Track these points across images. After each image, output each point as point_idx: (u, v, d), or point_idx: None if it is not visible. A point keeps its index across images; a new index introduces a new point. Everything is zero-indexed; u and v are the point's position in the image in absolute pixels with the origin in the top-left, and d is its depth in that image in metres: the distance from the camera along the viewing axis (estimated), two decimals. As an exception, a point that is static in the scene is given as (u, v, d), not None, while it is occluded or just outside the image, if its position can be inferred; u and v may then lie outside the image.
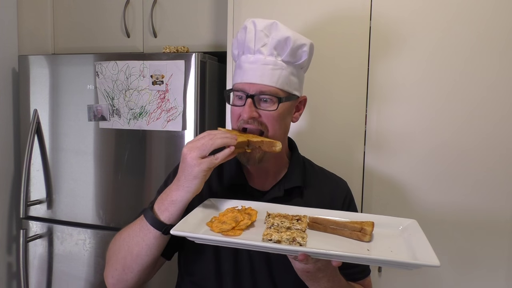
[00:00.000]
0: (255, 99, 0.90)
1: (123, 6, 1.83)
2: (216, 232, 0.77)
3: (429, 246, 0.73)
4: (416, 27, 1.26)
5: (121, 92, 1.56)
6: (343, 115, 1.34)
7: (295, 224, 0.79)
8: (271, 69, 0.90)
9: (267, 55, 0.91)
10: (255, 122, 0.90)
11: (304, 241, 0.73)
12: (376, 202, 1.33)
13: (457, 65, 1.24)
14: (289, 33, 0.91)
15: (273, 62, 0.90)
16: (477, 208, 1.25)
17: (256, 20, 0.92)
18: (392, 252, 0.75)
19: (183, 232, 0.75)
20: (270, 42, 0.91)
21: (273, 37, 0.91)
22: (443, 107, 1.26)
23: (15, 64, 1.76)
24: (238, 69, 0.94)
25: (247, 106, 0.89)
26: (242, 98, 0.91)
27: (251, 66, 0.91)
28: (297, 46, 0.92)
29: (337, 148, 1.35)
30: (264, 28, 0.91)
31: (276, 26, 0.91)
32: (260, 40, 0.91)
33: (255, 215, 0.83)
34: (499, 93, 1.21)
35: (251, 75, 0.90)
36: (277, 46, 0.91)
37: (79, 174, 1.65)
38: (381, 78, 1.30)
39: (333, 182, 1.05)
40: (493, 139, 1.23)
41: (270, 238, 0.73)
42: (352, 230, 0.80)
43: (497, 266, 1.25)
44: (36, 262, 1.72)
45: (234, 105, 0.94)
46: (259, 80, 0.89)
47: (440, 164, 1.27)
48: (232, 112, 0.94)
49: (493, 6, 1.20)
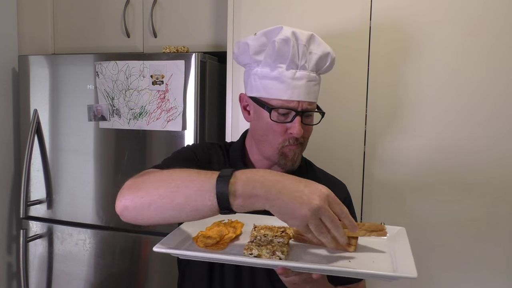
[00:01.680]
0: (303, 116, 0.90)
1: (123, 6, 1.83)
2: (201, 247, 0.77)
3: (410, 255, 0.72)
4: (416, 31, 1.25)
5: (121, 92, 1.56)
6: (343, 119, 1.34)
7: (278, 237, 0.79)
8: (313, 85, 0.91)
9: (310, 71, 0.91)
10: (301, 138, 0.91)
11: (284, 254, 0.73)
12: (376, 207, 1.33)
13: (460, 70, 1.23)
14: (328, 48, 0.92)
15: (314, 78, 0.91)
16: (478, 211, 1.25)
17: (297, 31, 0.89)
18: (373, 262, 0.75)
19: (166, 249, 0.74)
20: (313, 57, 0.90)
21: (314, 51, 0.90)
22: (444, 109, 1.25)
23: (15, 64, 1.76)
24: (278, 83, 0.90)
25: (298, 124, 0.88)
26: (288, 114, 0.90)
27: (298, 83, 0.89)
28: (332, 60, 0.94)
29: (337, 153, 1.34)
30: (306, 41, 0.90)
31: (315, 40, 0.91)
32: (304, 56, 0.89)
33: (240, 228, 0.84)
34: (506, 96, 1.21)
35: (299, 92, 0.89)
36: (318, 62, 0.91)
37: (79, 174, 1.64)
38: (381, 81, 1.29)
39: (333, 185, 1.03)
40: (497, 146, 1.22)
41: (251, 253, 0.73)
42: None
43: (497, 271, 1.24)
44: (36, 262, 1.72)
45: (280, 122, 0.90)
46: (307, 98, 0.90)
47: (440, 167, 1.26)
48: (274, 128, 0.91)
49: (483, 5, 1.20)
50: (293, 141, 0.91)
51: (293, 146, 0.91)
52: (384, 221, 1.28)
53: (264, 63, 0.91)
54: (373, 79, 1.30)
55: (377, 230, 0.79)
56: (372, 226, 0.79)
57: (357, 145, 1.33)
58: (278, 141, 0.91)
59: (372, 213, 1.33)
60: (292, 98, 0.89)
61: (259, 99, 0.92)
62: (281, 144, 0.91)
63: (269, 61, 0.90)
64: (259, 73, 0.92)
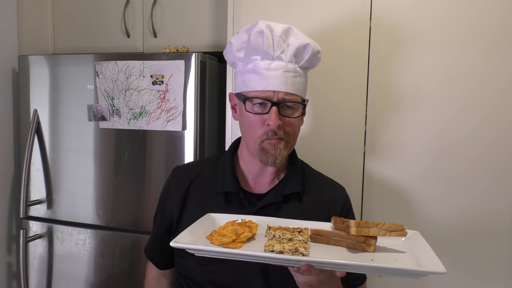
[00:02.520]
0: (280, 107, 0.88)
1: (123, 6, 1.83)
2: (217, 245, 0.76)
3: (433, 254, 0.73)
4: (416, 31, 1.25)
5: (121, 92, 1.56)
6: (343, 119, 1.33)
7: (297, 236, 0.79)
8: (292, 76, 0.89)
9: (288, 62, 0.90)
10: (281, 132, 0.89)
11: (307, 251, 0.72)
12: (376, 208, 1.32)
13: (460, 69, 1.23)
14: (307, 40, 0.91)
15: (293, 69, 0.90)
16: (479, 213, 1.24)
17: (272, 24, 0.90)
18: (396, 261, 0.75)
19: (183, 244, 0.74)
20: (290, 49, 0.90)
21: (291, 43, 0.90)
22: (446, 111, 1.25)
23: (15, 64, 1.76)
24: (254, 75, 0.90)
25: (273, 115, 0.87)
26: (265, 106, 0.89)
27: (273, 73, 0.88)
28: (314, 53, 0.93)
29: (336, 153, 1.34)
30: (282, 33, 0.89)
31: (292, 32, 0.91)
32: (279, 46, 0.89)
33: (256, 228, 0.83)
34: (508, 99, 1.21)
35: (274, 82, 0.88)
36: (296, 53, 0.90)
37: (79, 174, 1.64)
38: (381, 80, 1.29)
39: (332, 188, 1.04)
40: (497, 145, 1.22)
41: (272, 249, 0.72)
42: (356, 241, 0.80)
43: (497, 271, 1.24)
44: (36, 262, 1.72)
45: (256, 113, 0.90)
46: (283, 88, 0.88)
47: (441, 169, 1.26)
48: (252, 120, 0.90)
49: (482, 5, 1.20)
50: (271, 134, 0.89)
51: (273, 140, 0.89)
52: (385, 221, 1.28)
53: (243, 59, 0.93)
54: (373, 78, 1.30)
55: (396, 230, 0.79)
56: (392, 226, 0.79)
57: (357, 145, 1.33)
58: (257, 134, 0.90)
59: (372, 216, 1.32)
60: (266, 88, 0.88)
61: (240, 94, 0.93)
62: (261, 138, 0.90)
63: (248, 55, 0.91)
64: (241, 69, 0.94)
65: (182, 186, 1.00)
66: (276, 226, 0.84)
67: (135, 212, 1.59)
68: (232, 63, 0.99)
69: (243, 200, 0.95)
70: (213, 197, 0.97)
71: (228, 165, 0.99)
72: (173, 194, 1.00)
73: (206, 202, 0.97)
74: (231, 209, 0.95)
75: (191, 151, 1.51)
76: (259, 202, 0.95)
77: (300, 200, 0.97)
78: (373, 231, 0.78)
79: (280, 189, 0.96)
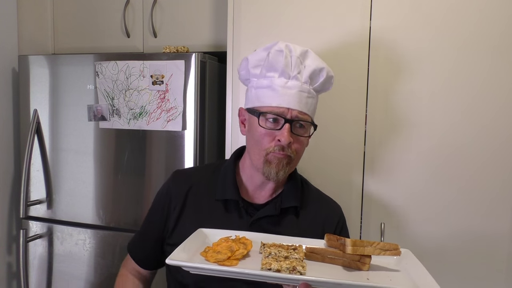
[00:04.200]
0: (292, 124, 0.90)
1: (123, 6, 1.83)
2: (212, 262, 0.76)
3: (427, 274, 0.74)
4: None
5: (121, 92, 1.56)
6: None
7: (293, 253, 0.78)
8: (306, 97, 0.92)
9: (303, 83, 0.92)
10: (288, 149, 0.90)
11: (305, 269, 0.72)
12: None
13: (462, 80, 1.23)
14: (323, 64, 0.94)
15: (307, 90, 0.92)
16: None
17: (291, 45, 0.93)
18: (391, 280, 0.76)
19: (179, 261, 0.73)
20: (306, 70, 0.92)
21: (308, 65, 0.92)
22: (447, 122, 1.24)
23: (15, 64, 1.76)
24: (269, 91, 0.92)
25: (285, 131, 0.88)
26: (278, 122, 0.90)
27: (289, 91, 0.90)
28: (328, 77, 0.95)
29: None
30: (300, 54, 0.92)
31: (310, 54, 0.94)
32: (296, 67, 0.91)
33: (251, 244, 0.83)
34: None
35: (289, 100, 0.90)
36: (312, 75, 0.93)
37: (79, 174, 1.65)
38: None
39: (328, 206, 1.05)
40: (499, 147, 1.22)
41: (270, 267, 0.71)
42: (351, 260, 0.80)
43: (497, 271, 1.24)
44: (36, 262, 1.72)
45: (269, 128, 0.91)
46: (298, 106, 0.90)
47: (441, 172, 1.26)
48: (263, 134, 0.91)
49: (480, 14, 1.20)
50: (279, 149, 0.90)
51: (279, 154, 0.90)
52: (384, 223, 1.28)
53: (259, 75, 0.94)
54: (373, 86, 1.30)
55: (391, 249, 0.80)
56: (387, 245, 0.80)
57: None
58: (265, 146, 0.91)
59: (370, 230, 1.32)
60: (281, 105, 0.90)
61: (252, 109, 0.94)
62: (267, 150, 0.91)
63: (264, 72, 0.93)
64: (255, 84, 0.95)
65: (181, 190, 1.01)
66: (270, 243, 0.84)
67: (135, 212, 1.59)
68: (246, 79, 1.00)
69: (241, 209, 0.96)
70: (212, 204, 0.98)
71: (230, 174, 1.00)
72: (171, 198, 1.01)
73: (204, 208, 0.98)
74: (229, 217, 0.96)
75: (191, 151, 1.51)
76: (257, 212, 0.96)
77: (297, 214, 0.99)
78: (368, 250, 0.79)
79: (278, 202, 0.97)
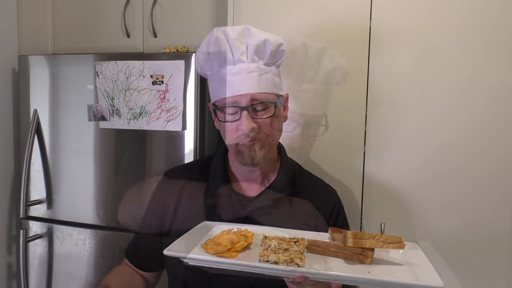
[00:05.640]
0: (250, 110, 0.87)
1: (123, 6, 1.83)
2: (211, 254, 0.75)
3: (431, 267, 0.73)
4: (417, 30, 1.25)
5: (121, 92, 1.56)
6: (343, 118, 1.33)
7: (293, 246, 0.78)
8: (257, 76, 0.88)
9: (249, 62, 0.88)
10: (255, 134, 0.88)
11: (302, 262, 0.71)
12: (376, 211, 1.32)
13: (463, 68, 1.23)
14: (265, 35, 0.90)
15: (257, 68, 0.88)
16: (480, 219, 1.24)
17: (227, 28, 0.90)
18: (394, 274, 0.75)
19: (177, 252, 0.73)
20: (249, 49, 0.89)
21: (249, 43, 0.89)
22: (447, 111, 1.24)
23: (15, 64, 1.76)
24: (219, 83, 0.90)
25: (244, 119, 0.86)
26: (236, 113, 0.88)
27: (236, 77, 0.87)
28: (276, 46, 0.91)
29: (336, 153, 1.33)
30: (238, 35, 0.89)
31: (249, 31, 0.90)
32: (237, 49, 0.88)
33: (251, 237, 0.82)
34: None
35: (239, 86, 0.87)
36: (257, 51, 0.89)
37: (79, 174, 1.64)
38: (382, 80, 1.29)
39: (322, 192, 1.03)
40: (498, 143, 1.22)
41: (267, 259, 0.71)
42: (353, 253, 0.79)
43: (497, 271, 1.24)
44: (36, 262, 1.72)
45: (230, 121, 0.89)
46: (249, 90, 0.87)
47: (441, 167, 1.26)
48: (226, 129, 0.90)
49: (499, 6, 1.20)
50: (245, 137, 0.87)
51: (247, 142, 0.88)
52: (385, 222, 1.29)
53: (210, 68, 0.93)
54: (373, 77, 1.30)
55: (394, 242, 0.78)
56: (390, 238, 0.78)
57: (357, 145, 1.33)
58: (232, 139, 0.89)
59: (372, 219, 1.32)
60: (233, 93, 0.87)
61: (212, 104, 0.93)
62: (235, 142, 0.89)
63: (211, 65, 0.92)
64: (210, 78, 0.94)
65: (174, 190, 1.00)
66: (273, 236, 0.83)
67: (135, 212, 1.59)
68: (204, 75, 0.99)
69: (234, 203, 0.95)
70: (205, 200, 0.97)
71: (220, 168, 0.99)
72: (165, 198, 1.00)
73: (199, 204, 0.97)
74: (223, 212, 0.94)
75: (191, 151, 1.51)
76: (250, 205, 0.95)
77: (291, 203, 0.97)
78: (370, 243, 0.77)
79: (270, 192, 0.96)
